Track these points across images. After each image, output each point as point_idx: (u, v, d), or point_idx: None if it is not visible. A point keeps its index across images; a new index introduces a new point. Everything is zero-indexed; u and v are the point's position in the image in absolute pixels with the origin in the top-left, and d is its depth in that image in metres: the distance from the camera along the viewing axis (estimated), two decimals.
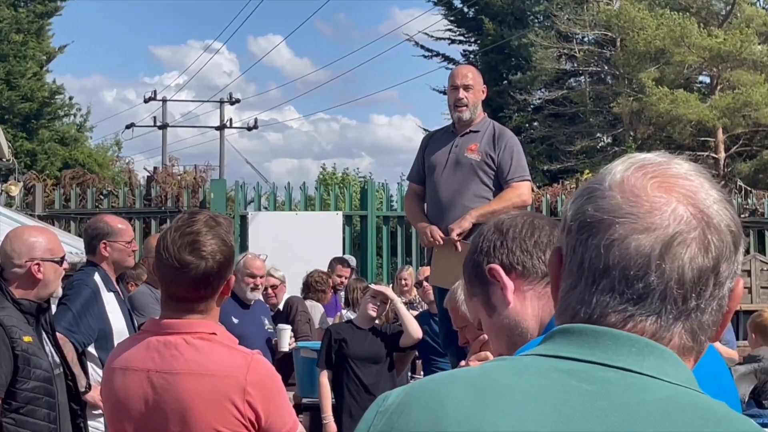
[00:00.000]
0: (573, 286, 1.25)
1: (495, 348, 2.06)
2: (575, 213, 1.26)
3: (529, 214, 2.16)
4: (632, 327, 1.21)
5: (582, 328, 1.22)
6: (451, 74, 6.44)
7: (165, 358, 2.87)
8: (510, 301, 2.02)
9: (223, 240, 2.90)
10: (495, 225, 2.12)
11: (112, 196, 15.31)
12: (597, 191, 1.25)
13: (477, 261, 2.09)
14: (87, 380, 5.11)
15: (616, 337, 1.20)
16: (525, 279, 2.04)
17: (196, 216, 2.95)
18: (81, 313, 5.26)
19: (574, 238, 1.25)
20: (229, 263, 2.91)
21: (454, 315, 3.15)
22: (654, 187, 1.23)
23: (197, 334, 2.88)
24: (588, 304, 1.23)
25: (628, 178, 1.24)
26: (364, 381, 6.98)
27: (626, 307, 1.21)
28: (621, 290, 1.21)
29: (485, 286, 2.06)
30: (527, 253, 2.05)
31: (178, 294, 2.89)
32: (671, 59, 29.55)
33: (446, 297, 3.29)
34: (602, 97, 33.96)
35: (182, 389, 2.82)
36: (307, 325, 8.36)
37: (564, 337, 1.23)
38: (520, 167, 6.19)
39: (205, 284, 2.87)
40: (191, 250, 2.85)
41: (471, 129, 6.30)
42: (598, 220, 1.23)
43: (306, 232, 13.60)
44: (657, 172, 1.25)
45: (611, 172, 1.26)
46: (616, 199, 1.23)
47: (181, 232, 2.89)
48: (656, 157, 1.28)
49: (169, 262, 2.86)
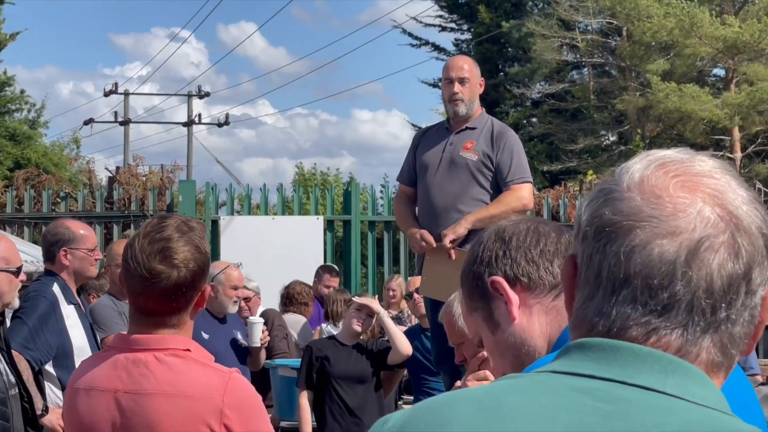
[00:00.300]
0: (590, 297, 1.25)
1: (498, 368, 2.05)
2: (591, 217, 1.25)
3: (533, 220, 2.15)
4: (656, 341, 1.20)
5: (600, 342, 1.21)
6: (445, 66, 6.44)
7: (134, 377, 2.85)
8: (515, 317, 2.01)
9: (197, 247, 2.88)
10: (496, 232, 2.10)
11: (70, 199, 15.27)
12: (614, 192, 1.24)
13: (477, 273, 2.07)
14: (44, 402, 5.09)
15: (637, 352, 1.19)
16: (531, 292, 2.03)
17: (166, 221, 2.93)
18: (38, 327, 5.23)
19: (591, 245, 1.24)
20: (203, 272, 2.89)
21: (449, 330, 3.16)
22: (677, 186, 1.22)
23: (169, 351, 2.86)
24: (607, 316, 1.22)
25: (648, 178, 1.23)
26: (348, 402, 6.98)
27: (649, 319, 1.21)
28: (643, 301, 1.21)
29: (487, 301, 2.05)
30: (533, 264, 2.04)
31: (148, 307, 2.87)
32: (681, 51, 29.62)
33: (441, 311, 3.30)
34: (607, 91, 34.06)
35: (153, 411, 2.81)
36: (284, 341, 8.36)
37: (580, 352, 1.22)
38: (520, 168, 6.19)
39: (178, 296, 2.85)
40: (162, 258, 2.83)
41: (467, 126, 6.30)
42: (616, 225, 1.22)
43: (283, 239, 13.58)
44: (679, 170, 1.24)
45: (629, 171, 1.26)
46: (636, 201, 1.22)
47: (151, 239, 2.87)
48: (677, 154, 1.27)
49: (138, 272, 2.84)
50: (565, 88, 34.16)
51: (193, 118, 38.76)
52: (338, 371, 7.01)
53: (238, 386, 2.84)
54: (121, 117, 39.03)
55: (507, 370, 2.00)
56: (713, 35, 28.50)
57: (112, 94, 38.86)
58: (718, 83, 33.06)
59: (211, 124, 40.89)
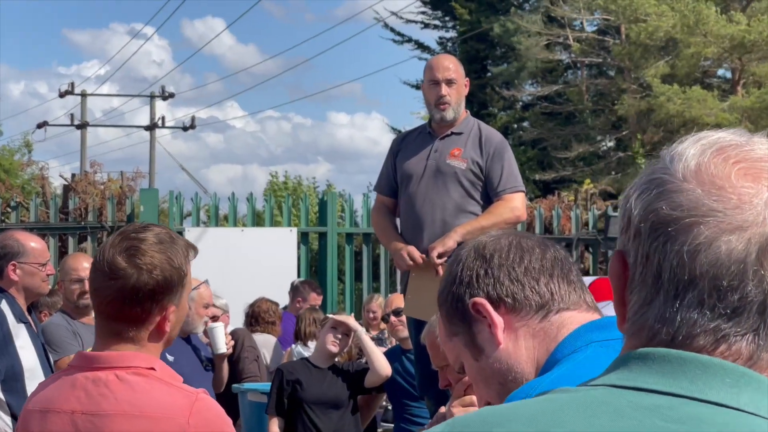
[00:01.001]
0: (648, 301, 1.22)
1: (482, 396, 2.04)
2: (645, 212, 1.23)
3: (515, 234, 2.12)
4: (725, 350, 1.19)
5: (665, 353, 1.19)
6: (428, 66, 6.41)
7: (93, 397, 2.84)
8: (500, 341, 1.99)
9: (170, 258, 2.86)
10: (475, 249, 2.08)
11: (22, 209, 15.22)
12: (669, 183, 1.22)
13: (457, 294, 2.05)
14: None
15: (707, 364, 1.17)
16: (516, 313, 2.01)
17: (151, 226, 2.95)
18: None
19: (647, 243, 1.22)
20: (168, 286, 2.85)
21: (432, 352, 3.17)
22: (739, 175, 1.20)
23: (132, 369, 2.85)
24: (671, 322, 1.21)
25: (706, 165, 1.21)
26: (322, 429, 6.98)
27: (718, 324, 1.19)
28: (711, 304, 1.19)
29: (468, 324, 2.03)
30: (517, 283, 2.02)
31: (101, 308, 2.88)
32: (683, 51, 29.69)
33: (423, 331, 3.30)
34: (604, 93, 34.19)
35: None
36: (255, 363, 8.34)
37: (642, 363, 1.20)
38: (512, 176, 6.17)
39: (133, 301, 2.83)
40: (127, 256, 2.83)
41: (452, 131, 6.27)
42: (676, 221, 1.20)
43: (254, 252, 13.57)
44: (740, 155, 1.22)
45: (682, 157, 1.23)
46: (696, 193, 1.20)
47: (124, 236, 2.88)
48: (733, 137, 1.25)
49: (100, 267, 2.85)
50: (559, 89, 34.27)
51: (156, 122, 38.69)
52: (311, 396, 7.00)
53: (205, 407, 2.83)
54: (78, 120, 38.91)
55: (492, 399, 2.00)
56: (719, 33, 28.61)
57: (67, 95, 38.74)
58: (723, 85, 33.21)
59: (176, 128, 40.81)
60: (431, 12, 38.48)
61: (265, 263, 13.38)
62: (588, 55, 33.97)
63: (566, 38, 33.58)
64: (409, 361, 7.34)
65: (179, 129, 39.95)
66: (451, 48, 37.61)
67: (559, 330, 1.99)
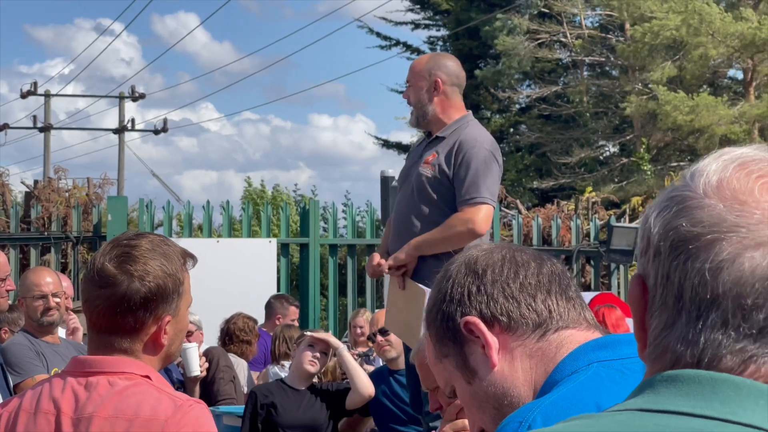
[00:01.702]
0: (670, 324, 1.24)
1: (476, 422, 2.04)
2: (665, 230, 1.25)
3: (508, 248, 2.12)
4: (754, 371, 1.19)
5: (695, 374, 1.20)
6: None
7: (80, 400, 2.88)
8: (495, 363, 1.99)
9: (164, 265, 2.89)
10: (466, 264, 2.08)
11: None
12: (689, 200, 1.24)
13: (447, 313, 2.05)
14: None
15: (739, 385, 1.18)
16: (512, 333, 2.01)
17: (147, 234, 2.99)
18: None
19: (667, 262, 1.24)
20: (163, 295, 2.88)
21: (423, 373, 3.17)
22: (763, 189, 1.22)
23: (125, 375, 2.88)
24: (695, 344, 1.22)
25: (727, 181, 1.23)
26: None
27: (745, 345, 1.20)
28: (736, 324, 1.20)
29: (460, 345, 2.03)
30: (512, 300, 2.02)
31: (93, 319, 2.92)
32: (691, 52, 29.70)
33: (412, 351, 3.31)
34: (606, 94, 34.24)
35: None
36: (231, 384, 8.33)
37: (671, 386, 1.21)
38: (473, 186, 6.05)
39: (124, 311, 2.86)
40: (119, 262, 2.87)
41: (438, 134, 6.29)
42: (697, 237, 1.22)
43: (230, 265, 13.56)
44: (763, 170, 1.24)
45: (704, 173, 1.25)
46: (718, 208, 1.22)
47: (117, 243, 2.93)
48: (757, 152, 1.27)
49: (90, 275, 2.90)
50: (558, 90, 34.31)
51: (125, 124, 38.68)
52: (287, 420, 6.99)
53: (194, 414, 2.84)
54: (41, 122, 38.88)
55: (487, 425, 1.99)
56: (726, 32, 28.66)
57: (30, 96, 38.71)
58: (734, 86, 33.29)
59: (146, 131, 40.83)
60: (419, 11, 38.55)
61: (242, 276, 13.37)
62: (589, 53, 34.02)
63: (565, 35, 33.63)
64: (398, 383, 7.34)
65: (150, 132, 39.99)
66: (442, 47, 37.66)
67: (558, 350, 1.99)
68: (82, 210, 15.05)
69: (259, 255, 13.98)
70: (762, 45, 29.10)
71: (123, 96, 39.29)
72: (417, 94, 6.24)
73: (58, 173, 16.92)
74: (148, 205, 14.64)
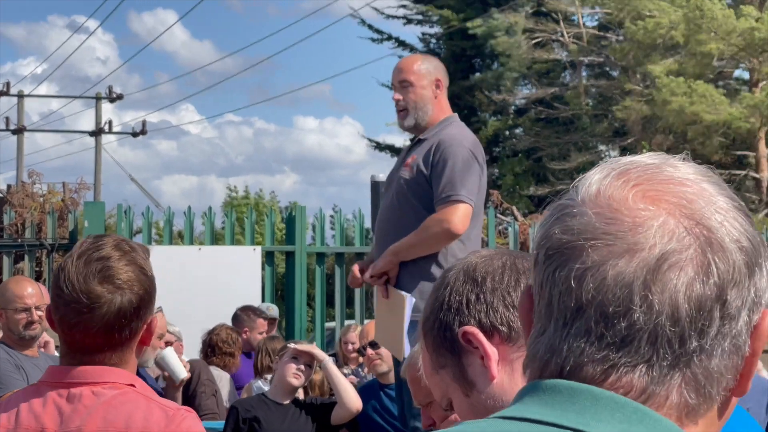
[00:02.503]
0: (542, 332, 1.26)
1: None
2: (541, 239, 1.28)
3: (509, 254, 2.12)
4: (615, 381, 1.21)
5: (555, 384, 1.22)
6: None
7: (65, 414, 2.87)
8: (495, 375, 1.99)
9: (141, 268, 2.95)
10: (465, 272, 2.07)
11: None
12: (567, 208, 1.26)
13: (445, 322, 2.05)
14: None
15: (597, 396, 1.19)
16: (512, 344, 2.01)
17: (103, 239, 2.99)
18: None
19: (542, 271, 1.26)
20: (150, 299, 2.94)
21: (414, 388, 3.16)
22: (637, 197, 1.24)
23: (109, 384, 2.89)
24: (559, 352, 1.24)
25: (605, 189, 1.25)
26: None
27: (607, 354, 1.22)
28: (599, 333, 1.22)
29: (458, 356, 2.03)
30: (513, 309, 2.02)
31: (85, 342, 2.90)
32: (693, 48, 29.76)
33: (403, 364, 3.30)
34: (605, 96, 34.30)
35: None
36: (213, 398, 8.33)
37: (533, 394, 1.23)
38: (450, 184, 6.04)
39: (121, 325, 2.88)
40: (102, 278, 2.88)
41: (420, 137, 6.31)
42: (566, 246, 1.24)
43: (212, 274, 13.55)
44: (642, 178, 1.25)
45: (587, 182, 1.27)
46: (588, 217, 1.24)
47: (87, 258, 2.91)
48: (646, 159, 1.29)
49: (74, 298, 2.88)
50: (555, 92, 34.35)
51: (102, 126, 38.65)
52: None
53: (187, 426, 2.86)
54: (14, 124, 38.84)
55: None
56: (727, 29, 28.70)
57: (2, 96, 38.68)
58: (741, 88, 33.35)
59: (124, 134, 40.80)
60: (413, 5, 38.59)
61: (225, 286, 13.34)
62: (588, 53, 34.07)
63: (562, 35, 33.68)
64: (388, 398, 7.33)
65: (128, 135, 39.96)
66: (435, 45, 37.70)
67: None
68: (58, 216, 15.03)
69: (243, 263, 13.97)
70: (763, 44, 29.14)
71: (100, 96, 39.27)
72: (419, 93, 6.26)
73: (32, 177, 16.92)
74: (126, 210, 14.62)
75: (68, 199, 16.18)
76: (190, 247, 14.59)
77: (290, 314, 14.19)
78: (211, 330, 9.41)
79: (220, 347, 9.18)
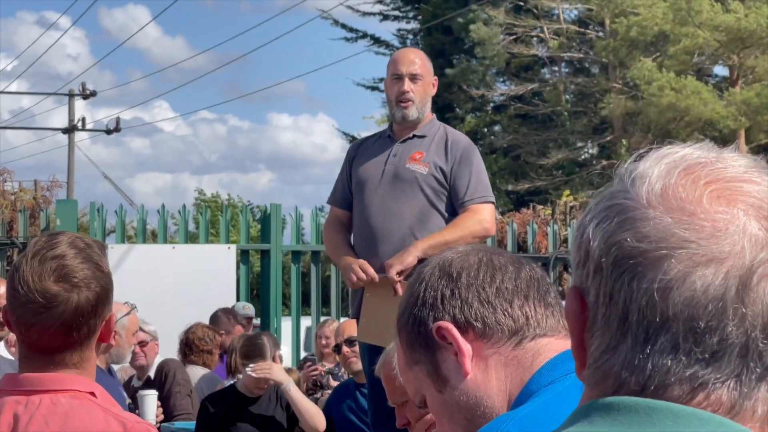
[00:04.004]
0: (613, 346, 1.21)
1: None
2: (607, 244, 1.21)
3: (485, 250, 2.11)
4: (703, 399, 1.17)
5: (632, 402, 1.17)
6: (392, 59, 6.45)
7: (22, 423, 2.85)
8: (468, 371, 1.99)
9: (98, 265, 2.90)
10: (440, 267, 2.07)
11: None
12: (632, 210, 1.20)
13: (419, 317, 2.04)
14: None
15: (678, 413, 1.15)
16: (487, 340, 2.01)
17: (57, 237, 2.95)
18: None
19: (610, 281, 1.20)
20: (107, 295, 2.91)
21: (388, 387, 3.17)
22: (712, 198, 1.18)
23: (69, 393, 2.87)
24: (641, 370, 1.19)
25: (673, 188, 1.20)
26: None
27: (695, 371, 1.17)
28: (687, 349, 1.17)
29: (432, 352, 2.03)
30: (488, 305, 2.01)
31: (42, 342, 2.88)
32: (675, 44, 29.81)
33: (378, 362, 3.30)
34: (585, 93, 34.36)
35: None
36: (188, 398, 8.31)
37: (606, 414, 1.18)
38: (481, 185, 6.17)
39: (79, 324, 2.86)
40: (58, 277, 2.85)
41: (415, 133, 6.30)
42: (643, 254, 1.18)
43: (187, 272, 13.53)
44: (711, 175, 1.20)
45: (645, 178, 1.21)
46: (665, 221, 1.18)
47: (42, 257, 2.88)
48: (701, 153, 1.23)
49: (29, 298, 2.84)
50: (534, 89, 34.40)
51: (75, 124, 38.53)
52: (243, 427, 6.98)
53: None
54: None
55: None
56: (713, 23, 28.76)
57: None
58: (721, 84, 33.45)
59: (97, 131, 40.66)
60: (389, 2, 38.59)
61: (199, 284, 13.33)
62: (567, 49, 34.12)
63: (541, 30, 33.72)
64: (364, 397, 7.33)
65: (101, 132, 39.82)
66: (413, 41, 37.71)
67: (534, 358, 2.00)
68: (29, 214, 14.99)
69: (218, 262, 13.95)
70: (747, 38, 29.21)
71: (73, 93, 39.13)
72: (425, 90, 6.32)
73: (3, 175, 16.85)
74: (99, 209, 14.59)
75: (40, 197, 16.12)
76: (164, 246, 14.57)
77: (265, 312, 14.19)
78: (186, 329, 9.41)
79: (197, 345, 9.18)
